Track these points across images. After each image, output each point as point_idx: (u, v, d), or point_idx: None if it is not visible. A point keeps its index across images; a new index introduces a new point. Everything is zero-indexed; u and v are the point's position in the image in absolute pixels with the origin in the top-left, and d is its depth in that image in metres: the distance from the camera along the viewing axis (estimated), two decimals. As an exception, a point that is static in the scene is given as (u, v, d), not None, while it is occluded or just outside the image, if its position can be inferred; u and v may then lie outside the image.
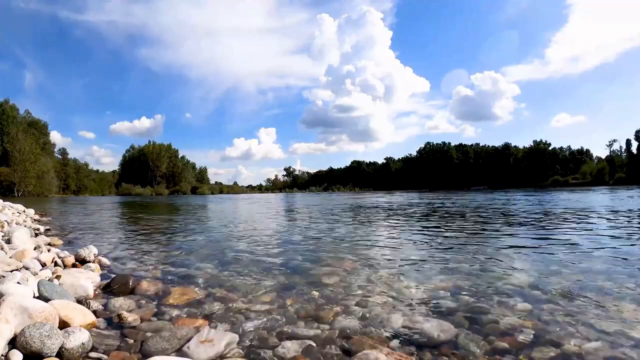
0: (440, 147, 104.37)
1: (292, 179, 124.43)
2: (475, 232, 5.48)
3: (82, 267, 2.93)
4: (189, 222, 8.37)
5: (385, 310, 2.01)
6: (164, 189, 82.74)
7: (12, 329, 1.44)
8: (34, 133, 62.11)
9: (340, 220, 8.27)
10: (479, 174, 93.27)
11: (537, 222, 6.75)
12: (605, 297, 2.17)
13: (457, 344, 1.60)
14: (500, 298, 2.19)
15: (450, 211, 10.20)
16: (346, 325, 1.81)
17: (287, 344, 1.60)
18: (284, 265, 3.25)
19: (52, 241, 4.45)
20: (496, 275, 2.74)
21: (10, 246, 3.18)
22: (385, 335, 1.69)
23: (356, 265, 3.19)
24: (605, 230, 5.30)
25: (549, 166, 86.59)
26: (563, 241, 4.31)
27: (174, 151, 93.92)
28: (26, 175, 57.05)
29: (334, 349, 1.57)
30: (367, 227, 6.66)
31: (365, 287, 2.49)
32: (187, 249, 4.21)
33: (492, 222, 6.94)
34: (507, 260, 3.29)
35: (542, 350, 1.52)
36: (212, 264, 3.26)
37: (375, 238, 5.13)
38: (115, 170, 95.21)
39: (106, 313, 1.98)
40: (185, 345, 1.57)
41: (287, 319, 1.91)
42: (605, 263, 3.08)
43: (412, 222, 7.39)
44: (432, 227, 6.37)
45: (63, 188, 69.30)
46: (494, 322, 1.82)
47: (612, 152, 79.32)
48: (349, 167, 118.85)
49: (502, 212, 9.34)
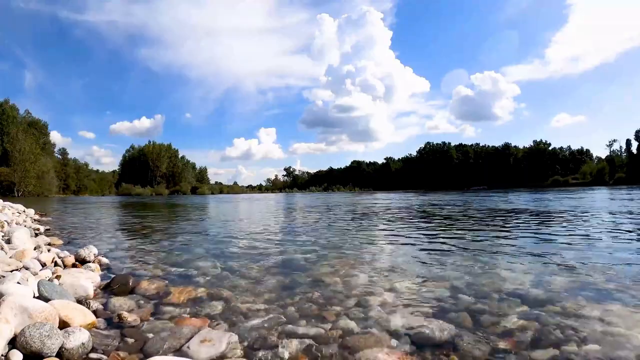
0: (440, 147, 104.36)
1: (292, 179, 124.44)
2: (475, 232, 5.47)
3: (82, 267, 2.93)
4: (189, 222, 8.37)
5: (386, 310, 2.01)
6: (164, 189, 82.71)
7: (12, 329, 1.44)
8: (34, 133, 62.10)
9: (341, 220, 8.27)
10: (479, 174, 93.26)
11: (537, 222, 6.75)
12: (605, 297, 2.17)
13: (457, 344, 1.60)
14: (500, 298, 2.19)
15: (450, 211, 10.20)
16: (347, 324, 1.81)
17: (287, 343, 1.60)
18: (284, 264, 3.25)
19: (52, 241, 4.44)
20: (496, 275, 2.73)
21: (10, 246, 3.18)
22: (386, 335, 1.69)
23: (356, 265, 3.18)
24: (605, 230, 5.30)
25: (549, 166, 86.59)
26: (563, 241, 4.31)
27: (174, 151, 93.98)
28: (26, 175, 57.03)
29: (334, 349, 1.57)
30: (367, 227, 6.65)
31: (366, 286, 2.48)
32: (187, 249, 4.20)
33: (492, 222, 6.94)
34: (507, 260, 3.29)
35: (542, 351, 1.52)
36: (212, 264, 3.26)
37: (376, 238, 5.13)
38: (115, 170, 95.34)
39: (106, 313, 1.98)
40: (186, 345, 1.57)
41: (288, 318, 1.91)
42: (605, 263, 3.08)
43: (413, 222, 7.38)
44: (433, 227, 6.37)
45: (63, 188, 69.31)
46: (494, 322, 1.82)
47: (612, 152, 79.37)
48: (349, 167, 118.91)
49: (502, 212, 9.34)
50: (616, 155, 77.29)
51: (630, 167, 67.86)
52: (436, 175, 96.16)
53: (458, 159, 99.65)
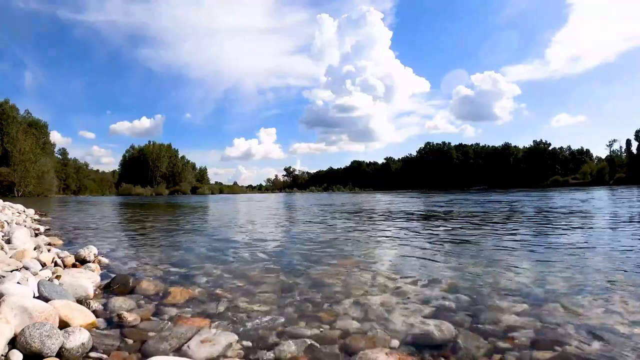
0: (440, 147, 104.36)
1: (292, 179, 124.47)
2: (474, 232, 5.47)
3: (82, 267, 2.93)
4: (189, 222, 8.37)
5: (386, 310, 2.01)
6: (164, 189, 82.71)
7: (12, 329, 1.44)
8: (34, 133, 61.98)
9: (341, 220, 8.27)
10: (479, 174, 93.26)
11: (537, 222, 6.75)
12: (605, 297, 2.17)
13: (457, 343, 1.60)
14: (500, 298, 2.19)
15: (450, 211, 10.20)
16: (346, 325, 1.81)
17: (287, 343, 1.60)
18: (285, 264, 3.25)
19: (52, 241, 4.44)
20: (496, 275, 2.73)
21: (10, 246, 3.18)
22: (386, 335, 1.69)
23: (356, 265, 3.18)
24: (605, 230, 5.30)
25: (549, 166, 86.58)
26: (563, 241, 4.31)
27: (174, 151, 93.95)
28: (26, 175, 56.98)
29: (334, 349, 1.57)
30: (367, 227, 6.65)
31: (366, 286, 2.48)
32: (187, 249, 4.21)
33: (492, 222, 6.94)
34: (507, 260, 3.29)
35: (542, 350, 1.52)
36: (212, 264, 3.26)
37: (375, 238, 5.13)
38: (115, 170, 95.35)
39: (106, 313, 1.97)
40: (185, 345, 1.57)
41: (288, 318, 1.91)
42: (606, 263, 3.08)
43: (413, 222, 7.39)
44: (432, 227, 6.37)
45: (63, 188, 69.32)
46: (494, 322, 1.82)
47: (612, 152, 79.30)
48: (349, 167, 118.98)
49: (501, 212, 9.34)
50: (616, 155, 77.26)
51: (630, 167, 67.83)
52: (436, 176, 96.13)
53: (458, 159, 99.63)
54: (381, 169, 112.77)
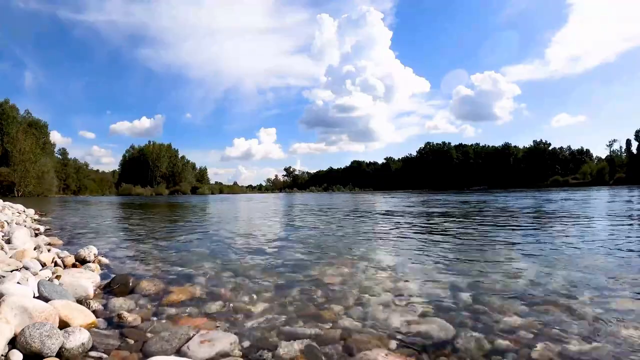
0: (440, 147, 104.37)
1: (292, 179, 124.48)
2: (474, 232, 5.47)
3: (82, 267, 2.93)
4: (189, 222, 8.37)
5: (386, 310, 2.01)
6: (164, 189, 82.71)
7: (12, 329, 1.44)
8: (34, 133, 61.98)
9: (341, 220, 8.27)
10: (479, 174, 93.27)
11: (537, 222, 6.75)
12: (605, 297, 2.17)
13: (457, 343, 1.60)
14: (500, 297, 2.19)
15: (450, 211, 10.20)
16: (347, 325, 1.81)
17: (287, 343, 1.60)
18: (284, 264, 3.25)
19: (52, 241, 4.44)
20: (496, 275, 2.73)
21: (10, 246, 3.18)
22: (386, 335, 1.69)
23: (356, 264, 3.18)
24: (605, 230, 5.30)
25: (549, 166, 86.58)
26: (563, 241, 4.31)
27: (174, 151, 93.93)
28: (26, 175, 56.97)
29: (334, 349, 1.57)
30: (367, 227, 6.65)
31: (366, 286, 2.48)
32: (187, 249, 4.20)
33: (492, 222, 6.94)
34: (507, 259, 3.29)
35: (543, 350, 1.52)
36: (212, 264, 3.26)
37: (376, 238, 5.13)
38: (115, 170, 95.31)
39: (106, 313, 1.98)
40: (185, 345, 1.57)
41: (288, 318, 1.91)
42: (605, 262, 3.08)
43: (413, 222, 7.38)
44: (432, 227, 6.37)
45: (63, 188, 69.30)
46: (494, 321, 1.82)
47: (612, 152, 79.32)
48: (349, 167, 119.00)
49: (502, 212, 9.34)
50: (616, 155, 77.27)
51: (630, 167, 67.83)
52: (436, 175, 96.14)
53: (458, 159, 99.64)
54: (381, 169, 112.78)
